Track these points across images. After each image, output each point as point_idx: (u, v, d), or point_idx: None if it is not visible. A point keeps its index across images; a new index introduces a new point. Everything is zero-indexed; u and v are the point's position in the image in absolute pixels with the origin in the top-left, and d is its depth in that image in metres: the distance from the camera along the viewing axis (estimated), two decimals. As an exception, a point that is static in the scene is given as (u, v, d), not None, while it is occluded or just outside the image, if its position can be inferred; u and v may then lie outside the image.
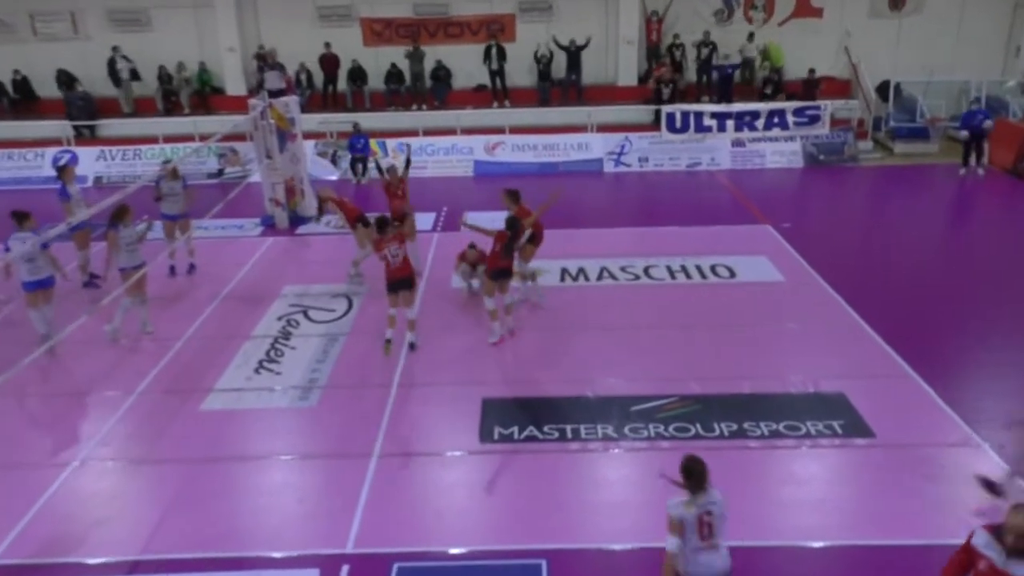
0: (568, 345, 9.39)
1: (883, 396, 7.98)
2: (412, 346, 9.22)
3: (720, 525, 4.67)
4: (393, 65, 20.01)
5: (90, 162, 18.54)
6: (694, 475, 4.69)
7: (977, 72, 19.31)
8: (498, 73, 19.84)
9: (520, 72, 20.26)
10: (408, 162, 11.44)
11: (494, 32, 20.05)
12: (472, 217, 12.79)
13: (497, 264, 9.31)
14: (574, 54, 19.61)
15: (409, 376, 8.75)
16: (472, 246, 10.66)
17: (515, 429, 7.59)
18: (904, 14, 20.00)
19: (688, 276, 11.41)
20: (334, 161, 18.51)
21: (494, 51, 19.67)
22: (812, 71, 19.02)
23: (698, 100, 19.51)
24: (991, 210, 15.11)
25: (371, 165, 17.71)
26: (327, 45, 19.88)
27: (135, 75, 20.04)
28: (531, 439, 7.44)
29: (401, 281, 9.08)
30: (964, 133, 17.03)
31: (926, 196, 15.84)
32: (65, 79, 20.05)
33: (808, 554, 6.02)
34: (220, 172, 18.53)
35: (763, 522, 6.28)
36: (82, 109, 19.56)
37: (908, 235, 13.02)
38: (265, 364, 9.14)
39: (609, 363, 8.90)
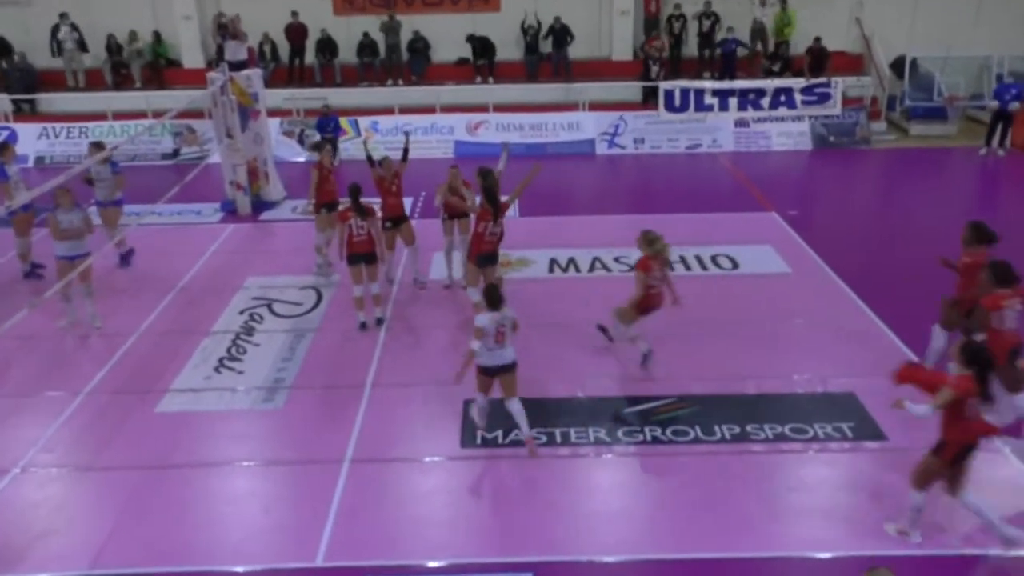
0: (557, 342, 9.39)
1: (896, 397, 7.95)
2: (380, 321, 9.51)
3: (509, 333, 7.05)
4: (366, 35, 19.93)
5: (31, 140, 18.40)
6: (493, 299, 6.95)
7: (1000, 46, 19.41)
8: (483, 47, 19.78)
9: (506, 45, 20.22)
10: (406, 152, 10.76)
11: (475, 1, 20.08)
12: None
13: (481, 248, 9.18)
14: (559, 32, 19.61)
15: (384, 375, 8.75)
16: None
17: (499, 433, 7.60)
18: (921, -17, 20.18)
19: (687, 267, 11.44)
20: (301, 141, 18.48)
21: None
22: (818, 39, 18.86)
23: (699, 76, 19.59)
24: (1015, 196, 15.24)
25: (342, 148, 17.70)
26: (294, 14, 19.76)
27: (82, 45, 19.87)
28: (517, 443, 7.45)
29: (364, 256, 9.31)
30: (994, 103, 17.19)
31: (944, 181, 15.99)
32: (1, 47, 19.83)
33: (816, 566, 6.06)
34: (176, 152, 18.46)
35: (768, 532, 6.32)
36: (19, 81, 19.39)
37: (924, 223, 13.09)
38: (226, 362, 9.13)
39: (602, 361, 8.91)
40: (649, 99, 19.05)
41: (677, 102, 18.45)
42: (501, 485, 6.98)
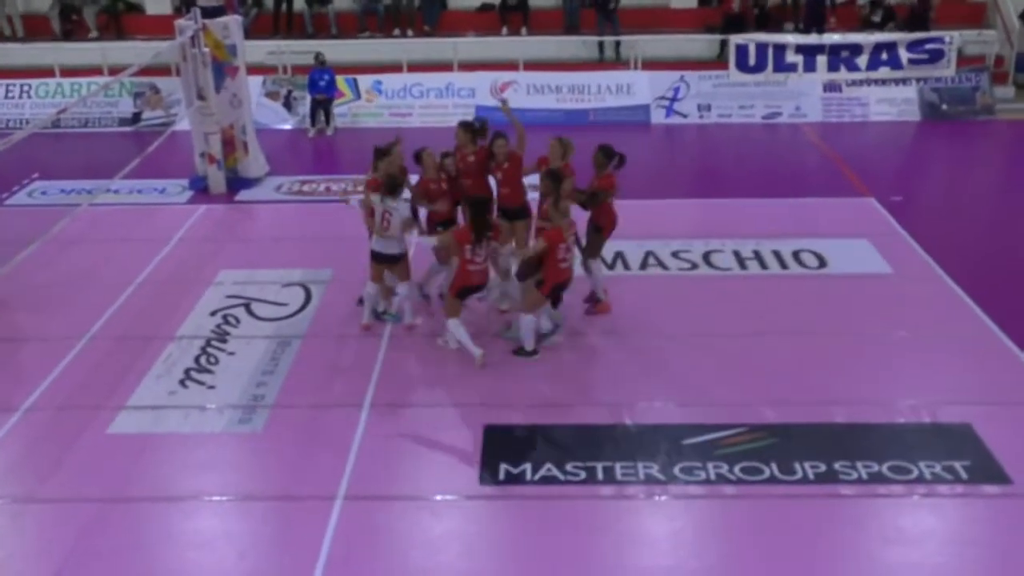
0: (600, 356, 9.36)
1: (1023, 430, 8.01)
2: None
3: (395, 223, 9.14)
4: (369, -25, 20.19)
5: (-39, 101, 18.87)
6: (393, 187, 9.08)
7: None
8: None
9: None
10: (494, 139, 9.93)
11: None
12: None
13: (468, 279, 9.09)
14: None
15: (387, 393, 8.73)
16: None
17: (528, 467, 7.60)
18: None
19: (763, 265, 11.44)
20: (288, 105, 18.55)
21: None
22: None
23: (780, 28, 19.44)
24: None
25: (336, 114, 17.84)
26: (280, -52, 20.08)
27: (24, -14, 20.24)
28: (549, 480, 7.44)
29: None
30: None
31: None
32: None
33: (919, 639, 6.06)
34: (136, 117, 18.60)
35: (860, 595, 6.30)
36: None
37: (1062, 214, 13.08)
38: (194, 374, 9.18)
39: (655, 381, 8.90)
40: (725, 55, 18.86)
41: (752, 60, 18.18)
42: (529, 532, 6.92)
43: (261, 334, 9.96)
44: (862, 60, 18.27)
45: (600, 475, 7.52)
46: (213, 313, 10.44)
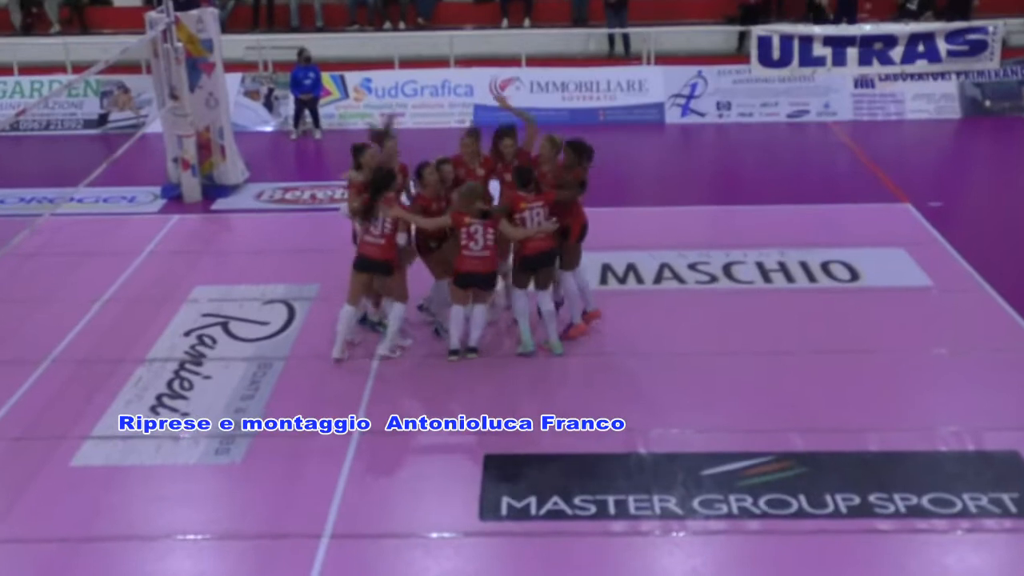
0: (611, 378, 9.35)
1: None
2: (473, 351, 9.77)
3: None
4: (357, -37, 20.25)
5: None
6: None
7: None
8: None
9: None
10: (501, 137, 9.97)
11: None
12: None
13: (464, 265, 9.31)
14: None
15: (377, 419, 8.69)
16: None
17: (532, 500, 7.56)
18: None
19: (789, 278, 11.43)
20: (269, 105, 18.56)
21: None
22: None
23: (806, 18, 19.46)
24: None
25: (324, 115, 17.76)
26: (261, -66, 20.17)
27: (-22, -25, 20.23)
28: (556, 515, 7.41)
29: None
30: None
31: None
32: None
33: None
34: (103, 119, 18.64)
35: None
36: None
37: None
38: (167, 400, 9.15)
39: (671, 405, 8.88)
40: (746, 48, 18.82)
41: (776, 53, 18.16)
42: (533, 572, 6.88)
43: (240, 356, 9.93)
44: (897, 52, 18.20)
45: (612, 509, 7.47)
46: (187, 333, 10.41)
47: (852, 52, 18.22)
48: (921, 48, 18.23)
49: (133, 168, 14.78)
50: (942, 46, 18.23)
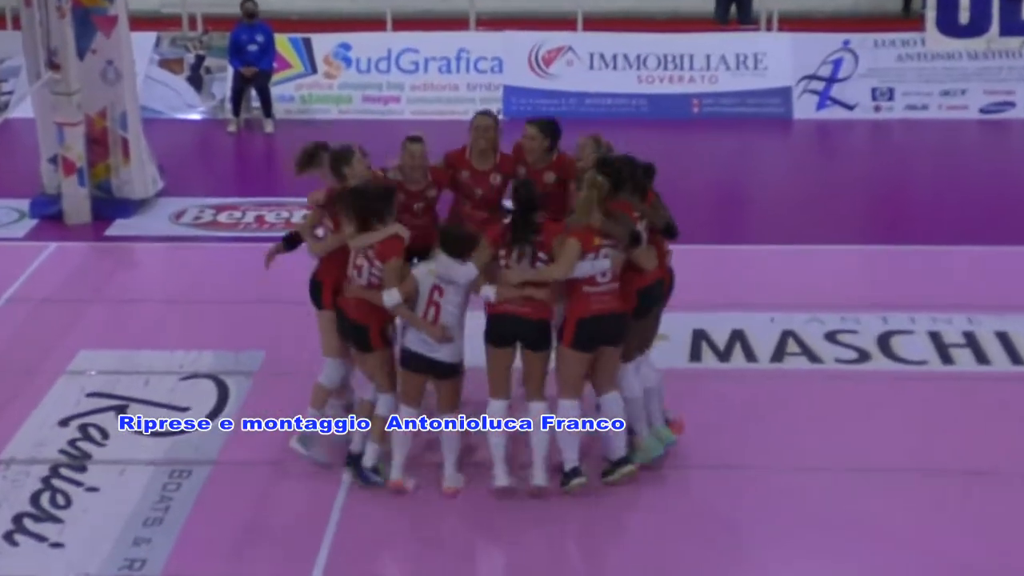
0: (707, 510, 8.26)
1: None
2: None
3: (451, 310, 8.35)
4: None
5: None
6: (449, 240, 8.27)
7: None
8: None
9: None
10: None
11: None
12: None
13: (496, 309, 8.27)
14: None
15: (350, 556, 7.92)
16: None
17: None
18: None
19: (981, 357, 10.30)
20: (197, 81, 17.19)
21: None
22: None
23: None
24: None
25: (277, 97, 16.36)
26: None
27: None
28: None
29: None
30: None
31: None
32: None
33: None
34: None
35: None
36: None
37: None
38: (30, 524, 8.26)
39: (788, 550, 7.87)
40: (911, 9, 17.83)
41: (964, 15, 16.44)
42: None
43: (143, 458, 9.06)
44: None
45: None
46: (65, 422, 9.52)
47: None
48: None
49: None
50: None
